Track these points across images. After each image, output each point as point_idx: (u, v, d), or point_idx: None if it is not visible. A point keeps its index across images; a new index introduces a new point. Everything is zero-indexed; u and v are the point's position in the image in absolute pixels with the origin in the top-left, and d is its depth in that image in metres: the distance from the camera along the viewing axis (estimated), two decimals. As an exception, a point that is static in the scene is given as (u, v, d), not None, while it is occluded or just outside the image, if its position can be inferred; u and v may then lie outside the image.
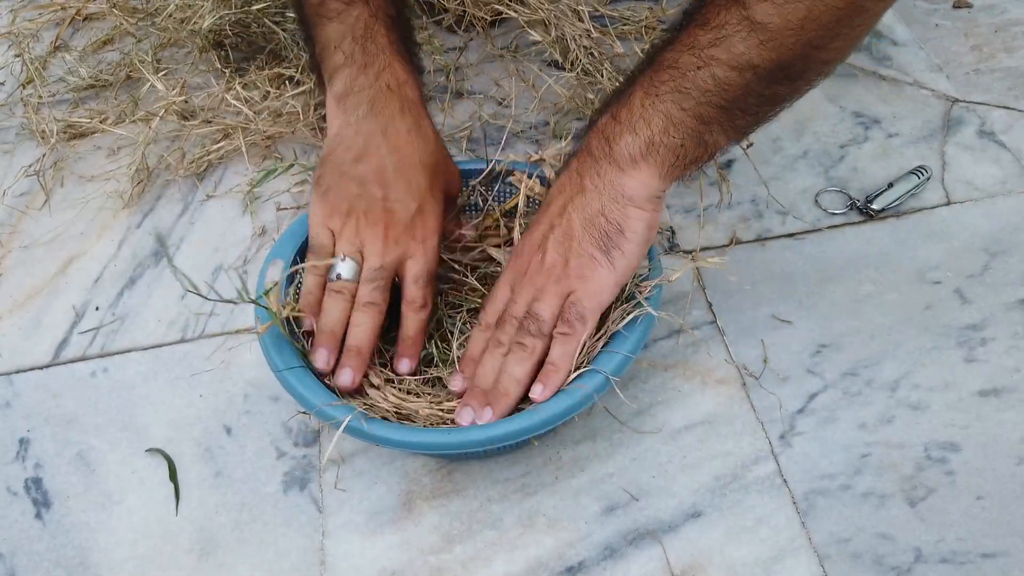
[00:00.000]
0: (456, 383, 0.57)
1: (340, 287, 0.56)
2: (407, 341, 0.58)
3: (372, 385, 0.57)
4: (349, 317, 0.57)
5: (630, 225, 0.53)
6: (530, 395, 0.54)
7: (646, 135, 0.51)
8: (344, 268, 0.56)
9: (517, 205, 0.63)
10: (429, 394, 0.58)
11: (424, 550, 0.57)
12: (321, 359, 0.55)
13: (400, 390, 0.57)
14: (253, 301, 0.54)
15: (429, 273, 0.58)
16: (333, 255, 0.57)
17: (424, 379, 0.59)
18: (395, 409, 0.55)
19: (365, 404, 0.54)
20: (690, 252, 0.72)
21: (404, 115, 0.58)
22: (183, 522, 0.60)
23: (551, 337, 0.54)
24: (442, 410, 0.55)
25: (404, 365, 0.58)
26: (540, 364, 0.55)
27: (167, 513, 0.61)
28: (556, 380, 0.54)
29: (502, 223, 0.65)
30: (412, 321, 0.58)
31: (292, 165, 0.65)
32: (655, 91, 0.50)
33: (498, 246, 0.65)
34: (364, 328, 0.56)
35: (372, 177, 0.57)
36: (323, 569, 0.57)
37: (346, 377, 0.55)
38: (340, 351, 0.56)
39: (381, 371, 0.58)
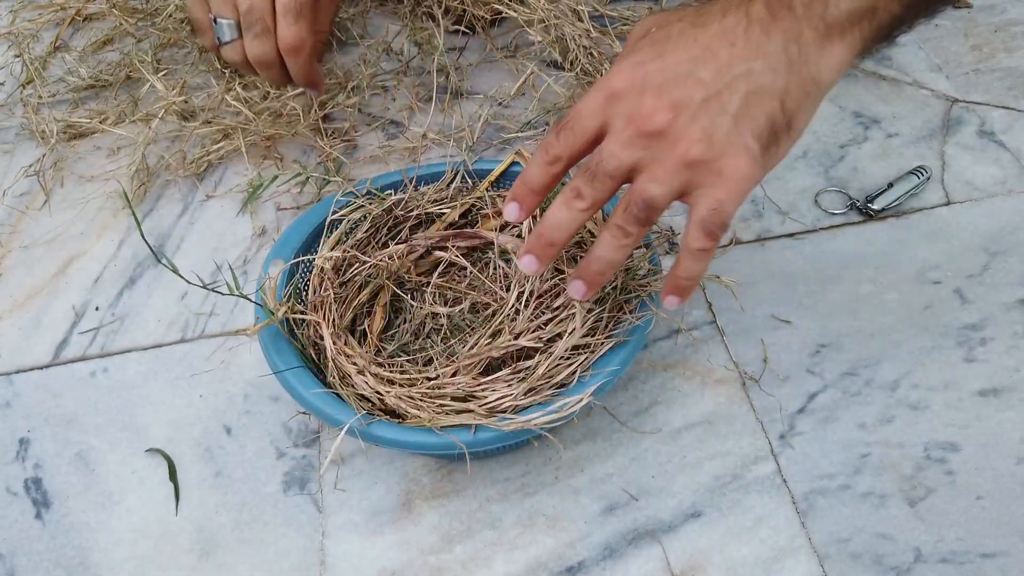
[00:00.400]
0: (512, 212, 0.47)
1: (230, 55, 0.56)
2: (299, 83, 0.58)
3: (357, 369, 0.56)
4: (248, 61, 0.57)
5: (800, 119, 0.42)
6: (666, 304, 0.46)
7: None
8: (223, 30, 0.56)
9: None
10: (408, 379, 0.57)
11: (424, 550, 0.57)
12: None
13: (382, 377, 0.56)
14: (244, 296, 0.54)
15: (298, 2, 0.55)
16: (213, 21, 0.57)
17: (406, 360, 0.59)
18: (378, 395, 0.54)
19: (358, 395, 0.54)
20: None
21: None
22: (183, 522, 0.60)
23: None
24: (414, 395, 0.54)
25: (313, 93, 0.59)
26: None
27: (167, 513, 0.61)
28: (688, 295, 0.45)
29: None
30: (293, 68, 0.57)
31: (276, 178, 0.65)
32: None
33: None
34: (273, 79, 0.57)
35: None
36: (323, 569, 0.57)
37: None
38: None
39: (365, 354, 0.58)
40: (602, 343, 0.54)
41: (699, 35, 0.42)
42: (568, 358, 0.54)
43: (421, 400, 0.53)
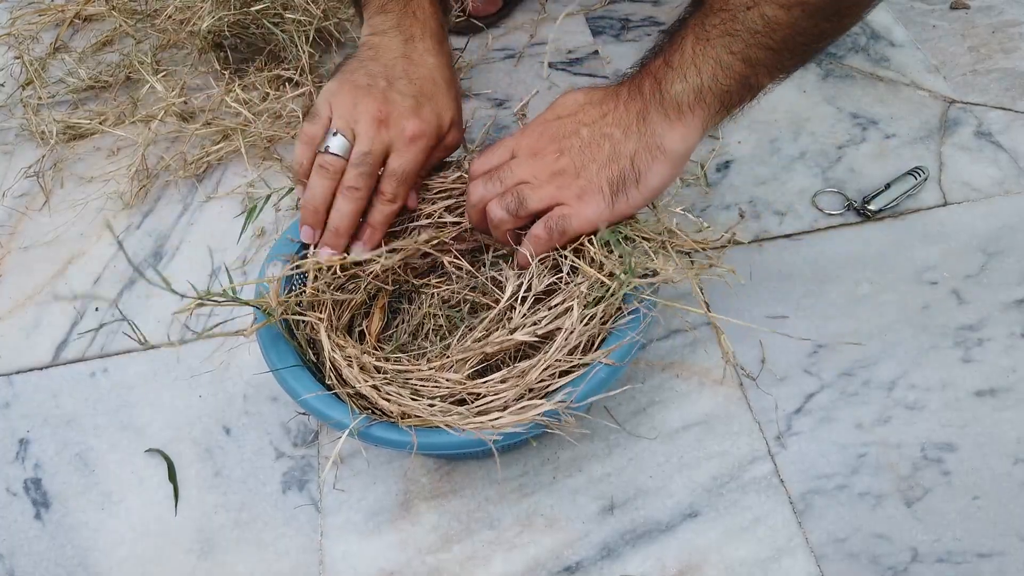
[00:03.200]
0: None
1: (327, 163, 0.58)
2: (366, 227, 0.59)
3: (348, 361, 0.56)
4: (334, 196, 0.58)
5: (649, 178, 0.54)
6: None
7: (695, 83, 0.52)
8: (335, 143, 0.58)
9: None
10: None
11: (422, 550, 0.58)
12: (306, 235, 0.58)
13: (375, 367, 0.56)
14: (241, 301, 0.54)
15: (405, 172, 0.59)
16: (328, 129, 0.58)
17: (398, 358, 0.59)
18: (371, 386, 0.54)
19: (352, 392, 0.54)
20: (687, 253, 0.72)
21: (424, 38, 0.62)
22: (182, 522, 0.61)
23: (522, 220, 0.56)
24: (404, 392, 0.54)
25: (356, 248, 0.60)
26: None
27: (166, 513, 0.61)
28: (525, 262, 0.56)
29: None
30: (378, 211, 0.59)
31: (268, 197, 0.65)
32: (706, 35, 0.51)
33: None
34: (344, 213, 0.58)
35: (382, 72, 0.60)
36: (322, 569, 0.57)
37: (324, 254, 0.58)
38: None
39: (358, 345, 0.57)
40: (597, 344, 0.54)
41: (589, 102, 0.56)
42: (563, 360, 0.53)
43: (413, 398, 0.52)
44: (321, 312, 0.58)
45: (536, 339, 0.54)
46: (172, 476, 0.63)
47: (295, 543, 0.59)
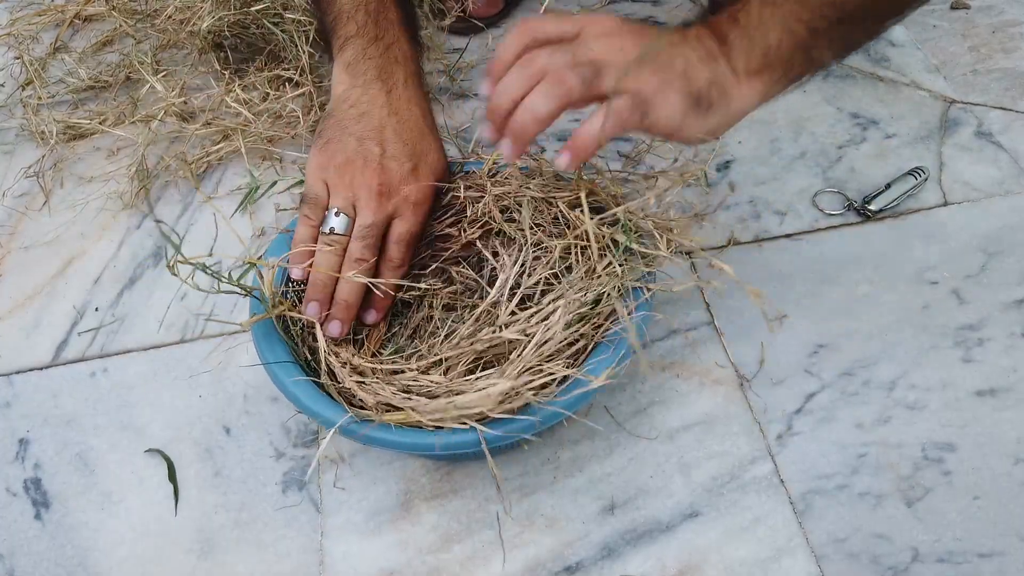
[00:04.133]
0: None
1: (332, 240, 0.57)
2: (377, 296, 0.59)
3: (340, 361, 0.56)
4: (339, 269, 0.58)
5: (712, 114, 0.50)
6: (558, 162, 0.50)
7: (762, 45, 0.49)
8: (337, 223, 0.57)
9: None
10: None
11: (422, 550, 0.57)
12: (312, 311, 0.57)
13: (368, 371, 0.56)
14: (240, 286, 0.53)
15: (412, 235, 0.59)
16: (327, 207, 0.58)
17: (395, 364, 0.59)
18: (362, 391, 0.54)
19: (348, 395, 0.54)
20: (688, 253, 0.72)
21: (407, 86, 0.60)
22: (182, 522, 0.61)
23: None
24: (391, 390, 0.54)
25: (370, 316, 0.59)
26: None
27: (166, 513, 0.61)
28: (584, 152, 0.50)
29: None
30: (385, 276, 0.59)
31: (275, 183, 0.65)
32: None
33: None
34: (354, 286, 0.57)
35: (371, 135, 0.58)
36: (322, 569, 0.57)
37: (335, 328, 0.57)
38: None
39: (354, 351, 0.58)
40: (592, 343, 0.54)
41: (658, 32, 0.51)
42: (551, 357, 0.53)
43: (402, 394, 0.52)
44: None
45: (525, 337, 0.53)
46: (172, 476, 0.63)
47: (295, 543, 0.59)
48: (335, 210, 0.57)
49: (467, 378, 0.53)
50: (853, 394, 0.63)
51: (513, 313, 0.57)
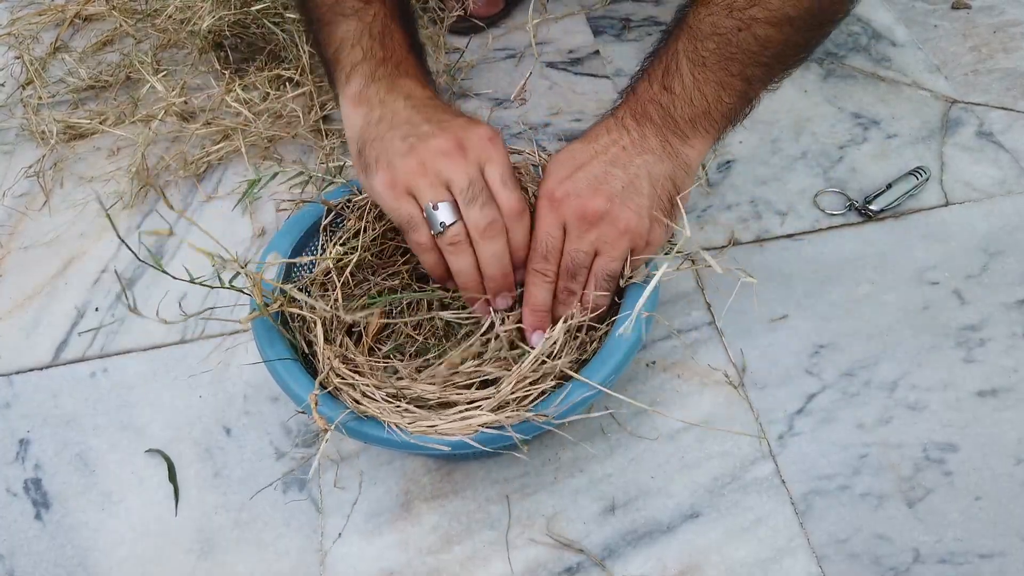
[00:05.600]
0: (538, 340, 0.55)
1: (452, 238, 0.53)
2: (518, 254, 0.56)
3: (344, 362, 0.55)
4: (476, 258, 0.55)
5: (685, 191, 0.55)
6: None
7: (703, 105, 0.52)
8: (440, 214, 0.52)
9: None
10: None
11: (423, 550, 0.57)
12: (481, 309, 0.57)
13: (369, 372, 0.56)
14: (236, 288, 0.53)
15: (508, 171, 0.54)
16: (423, 212, 0.53)
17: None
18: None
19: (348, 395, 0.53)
20: (689, 254, 0.72)
21: (424, 88, 0.58)
22: (182, 522, 0.60)
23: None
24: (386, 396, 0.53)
25: (502, 300, 0.57)
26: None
27: (166, 513, 0.61)
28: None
29: None
30: (516, 232, 0.54)
31: (276, 175, 0.64)
32: (702, 60, 0.52)
33: None
34: (495, 255, 0.54)
35: (407, 126, 0.54)
36: (322, 569, 0.57)
37: (504, 301, 0.56)
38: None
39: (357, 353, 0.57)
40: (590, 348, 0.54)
41: (595, 144, 0.55)
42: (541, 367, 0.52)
43: (397, 400, 0.52)
44: (325, 303, 0.58)
45: (505, 372, 0.53)
46: (172, 476, 0.63)
47: (295, 543, 0.59)
48: (430, 205, 0.52)
49: (460, 391, 0.52)
50: (854, 394, 0.63)
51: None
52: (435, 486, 0.60)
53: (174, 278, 0.54)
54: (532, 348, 0.54)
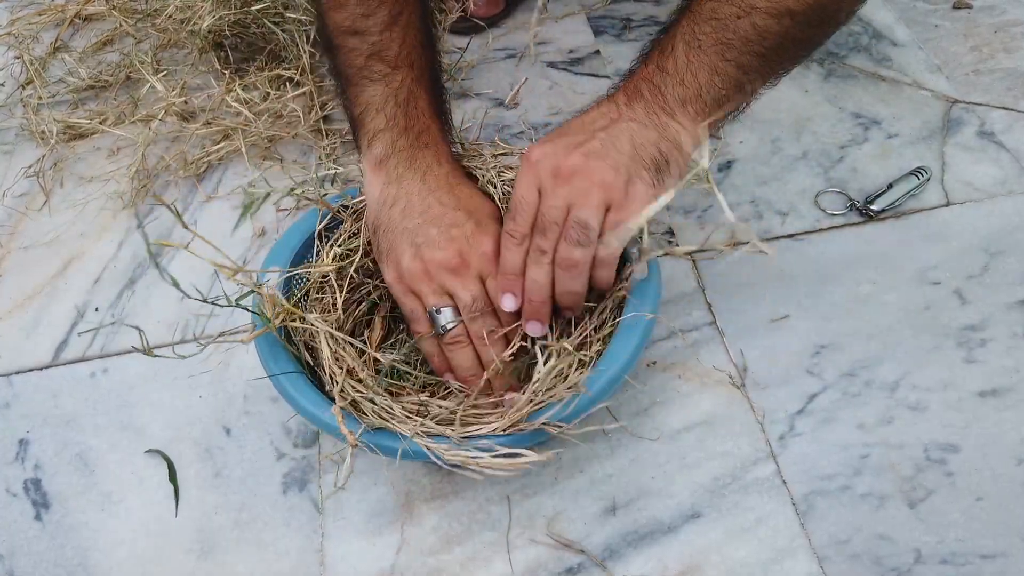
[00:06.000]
0: (507, 302, 0.55)
1: (452, 338, 0.56)
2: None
3: (357, 379, 0.56)
4: (478, 357, 0.56)
5: (674, 164, 0.53)
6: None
7: (694, 87, 0.52)
8: (443, 318, 0.55)
9: None
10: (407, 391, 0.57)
11: (423, 551, 0.57)
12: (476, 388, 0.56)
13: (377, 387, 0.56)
14: (243, 308, 0.53)
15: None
16: (427, 312, 0.56)
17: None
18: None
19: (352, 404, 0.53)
20: (690, 253, 0.72)
21: (441, 164, 0.59)
22: (182, 522, 0.60)
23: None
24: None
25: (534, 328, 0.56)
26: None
27: (166, 513, 0.61)
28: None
29: None
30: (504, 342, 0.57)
31: (268, 195, 0.64)
32: (698, 43, 0.52)
33: None
34: (488, 357, 0.56)
35: (421, 223, 0.56)
36: (322, 570, 0.57)
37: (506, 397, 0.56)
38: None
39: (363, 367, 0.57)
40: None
41: (584, 118, 0.55)
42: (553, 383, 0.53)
43: (405, 414, 0.52)
44: (326, 315, 0.58)
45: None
46: (172, 476, 0.63)
47: (295, 544, 0.59)
48: (434, 309, 0.55)
49: (477, 414, 0.53)
50: (855, 395, 0.62)
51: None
52: (435, 487, 0.60)
53: (186, 296, 0.54)
54: (530, 335, 0.55)
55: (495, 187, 0.61)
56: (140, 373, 0.69)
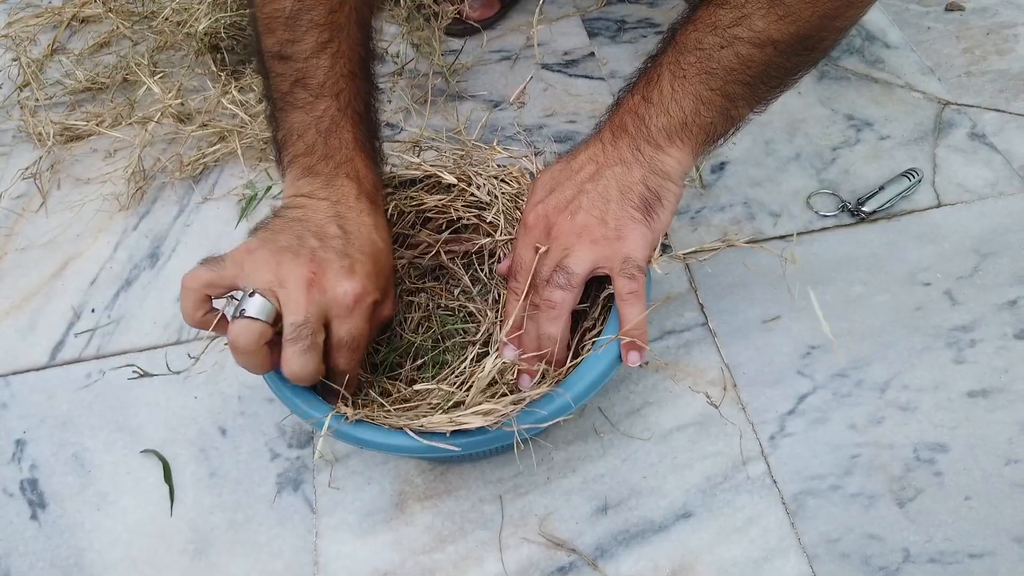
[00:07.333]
0: (508, 352, 0.55)
1: (233, 330, 0.48)
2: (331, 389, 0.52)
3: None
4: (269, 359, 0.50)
5: (666, 196, 0.54)
6: (629, 362, 0.53)
7: (680, 117, 0.52)
8: (252, 304, 0.48)
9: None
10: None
11: (416, 550, 0.58)
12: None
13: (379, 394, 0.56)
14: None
15: (356, 340, 0.51)
16: (240, 288, 0.49)
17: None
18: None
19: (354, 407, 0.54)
20: (684, 255, 0.72)
21: (360, 199, 0.55)
22: (177, 522, 0.61)
23: (579, 291, 0.53)
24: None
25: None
26: (571, 316, 0.54)
27: (162, 514, 0.61)
28: (645, 344, 0.53)
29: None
30: (334, 380, 0.52)
31: (269, 188, 0.64)
32: (683, 73, 0.52)
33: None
34: (295, 375, 0.49)
35: (312, 231, 0.52)
36: (316, 569, 0.58)
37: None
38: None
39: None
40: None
41: (572, 164, 0.55)
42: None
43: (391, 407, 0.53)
44: None
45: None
46: (168, 477, 0.63)
47: (289, 543, 0.59)
48: (250, 290, 0.48)
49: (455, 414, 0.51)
50: (846, 395, 0.63)
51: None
52: (429, 486, 0.61)
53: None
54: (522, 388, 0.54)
55: (496, 198, 0.62)
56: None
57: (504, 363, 0.53)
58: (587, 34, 0.95)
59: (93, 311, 0.74)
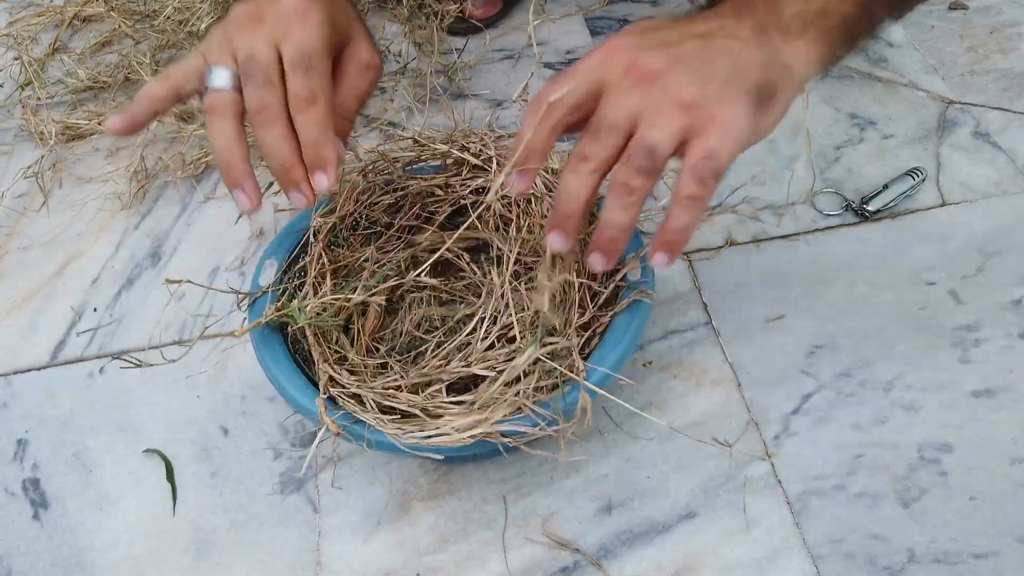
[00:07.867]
0: (551, 240, 0.45)
1: (213, 102, 0.46)
2: (306, 150, 0.47)
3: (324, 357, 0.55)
4: (243, 134, 0.47)
5: (783, 94, 0.43)
6: (654, 262, 0.43)
7: (818, 3, 0.43)
8: (214, 76, 0.46)
9: None
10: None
11: (419, 550, 0.58)
12: (241, 201, 0.48)
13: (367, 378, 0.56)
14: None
15: (309, 55, 0.46)
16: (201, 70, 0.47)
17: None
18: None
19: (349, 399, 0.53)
20: (687, 254, 0.72)
21: None
22: (179, 522, 0.61)
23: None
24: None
25: (321, 181, 0.48)
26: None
27: (164, 513, 0.61)
28: (678, 251, 0.43)
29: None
30: (303, 124, 0.47)
31: (271, 184, 0.64)
32: None
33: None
34: (271, 143, 0.46)
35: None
36: (319, 569, 0.57)
37: (298, 199, 0.48)
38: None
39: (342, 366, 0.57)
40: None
41: (680, 23, 0.43)
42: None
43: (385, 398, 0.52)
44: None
45: (493, 372, 0.52)
46: (170, 476, 0.63)
47: (292, 543, 0.59)
48: (211, 68, 0.46)
49: (438, 403, 0.52)
50: (850, 395, 0.63)
51: (493, 345, 0.55)
52: (432, 486, 0.61)
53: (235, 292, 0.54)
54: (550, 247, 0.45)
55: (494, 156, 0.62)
56: (138, 373, 0.69)
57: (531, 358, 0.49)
58: (589, 33, 0.95)
59: (95, 310, 0.74)
